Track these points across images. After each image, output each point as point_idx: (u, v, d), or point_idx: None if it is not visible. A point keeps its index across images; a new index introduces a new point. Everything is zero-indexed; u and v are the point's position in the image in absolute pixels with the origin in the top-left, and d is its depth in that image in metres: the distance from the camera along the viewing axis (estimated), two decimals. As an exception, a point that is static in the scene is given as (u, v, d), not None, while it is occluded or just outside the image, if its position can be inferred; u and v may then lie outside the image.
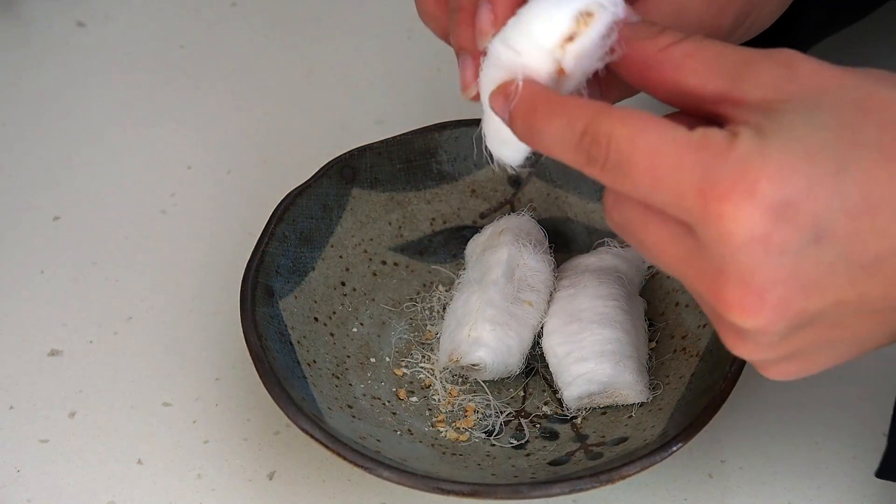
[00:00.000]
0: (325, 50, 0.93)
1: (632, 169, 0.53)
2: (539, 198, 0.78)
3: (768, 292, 0.52)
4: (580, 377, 0.69)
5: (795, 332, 0.54)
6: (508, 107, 0.57)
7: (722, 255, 0.52)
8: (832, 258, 0.52)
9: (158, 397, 0.73)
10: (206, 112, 0.89)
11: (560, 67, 0.57)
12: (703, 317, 0.71)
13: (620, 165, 0.53)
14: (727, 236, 0.52)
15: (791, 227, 0.51)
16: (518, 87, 0.57)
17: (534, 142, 0.57)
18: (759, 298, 0.52)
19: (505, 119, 0.58)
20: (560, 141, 0.55)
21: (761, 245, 0.51)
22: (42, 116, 0.89)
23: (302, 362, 0.70)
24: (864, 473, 0.69)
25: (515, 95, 0.57)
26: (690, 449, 0.69)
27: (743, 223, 0.51)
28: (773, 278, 0.52)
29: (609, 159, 0.54)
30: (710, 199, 0.51)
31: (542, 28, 0.57)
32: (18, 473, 0.70)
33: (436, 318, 0.75)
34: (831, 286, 0.53)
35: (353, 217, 0.76)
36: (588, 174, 0.55)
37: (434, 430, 0.70)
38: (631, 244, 0.57)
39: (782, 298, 0.52)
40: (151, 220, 0.82)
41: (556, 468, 0.67)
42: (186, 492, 0.70)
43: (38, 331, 0.77)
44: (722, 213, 0.51)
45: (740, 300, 0.52)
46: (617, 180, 0.54)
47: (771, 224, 0.51)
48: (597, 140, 0.54)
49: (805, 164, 0.51)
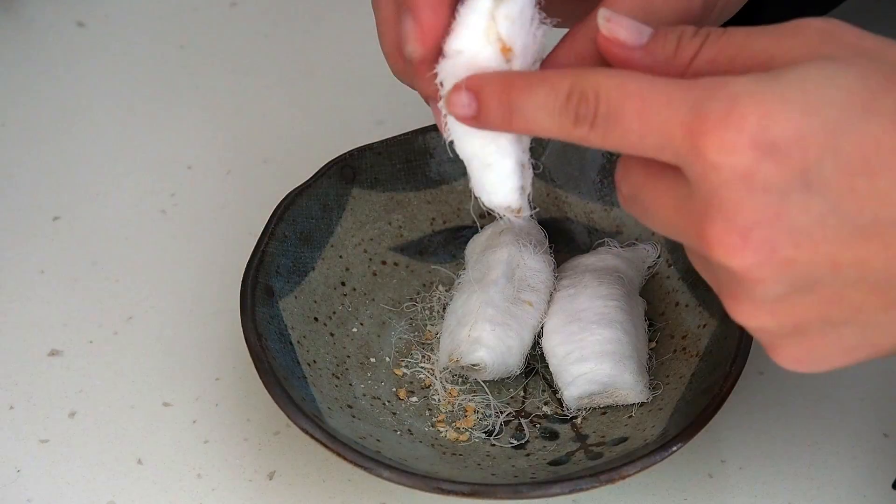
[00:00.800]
0: (325, 50, 0.93)
1: (622, 116, 0.53)
2: (539, 198, 0.78)
3: (752, 231, 0.52)
4: (580, 377, 0.69)
5: (793, 296, 0.53)
6: (472, 101, 0.56)
7: (707, 193, 0.52)
8: (823, 210, 0.51)
9: (158, 397, 0.73)
10: (206, 112, 0.89)
11: (503, 44, 0.58)
12: (703, 317, 0.71)
13: (610, 115, 0.53)
14: (711, 170, 0.51)
15: (776, 168, 0.51)
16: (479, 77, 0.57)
17: (513, 120, 0.56)
18: (741, 237, 0.52)
19: (470, 113, 0.57)
20: (543, 108, 0.55)
21: (745, 181, 0.51)
22: (42, 116, 0.89)
23: (302, 362, 0.70)
24: (864, 473, 0.69)
25: (483, 83, 0.56)
26: (690, 449, 0.69)
27: (727, 156, 0.51)
28: (757, 217, 0.51)
29: (598, 113, 0.53)
30: (696, 134, 0.51)
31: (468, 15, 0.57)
32: (18, 473, 0.70)
33: (436, 318, 0.75)
34: (822, 240, 0.52)
35: (353, 217, 0.76)
36: (574, 138, 0.54)
37: (434, 430, 0.70)
38: (639, 215, 0.56)
39: (767, 240, 0.52)
40: (151, 220, 0.82)
41: (556, 468, 0.67)
42: (186, 492, 0.70)
43: (38, 331, 0.77)
44: (707, 146, 0.51)
45: (723, 238, 0.52)
46: (607, 134, 0.53)
47: (755, 160, 0.51)
48: (584, 96, 0.54)
49: (799, 114, 0.51)
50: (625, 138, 0.53)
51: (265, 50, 0.93)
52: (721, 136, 0.51)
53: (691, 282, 0.73)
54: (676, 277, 0.74)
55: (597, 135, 0.54)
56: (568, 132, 0.55)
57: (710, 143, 0.51)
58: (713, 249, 0.52)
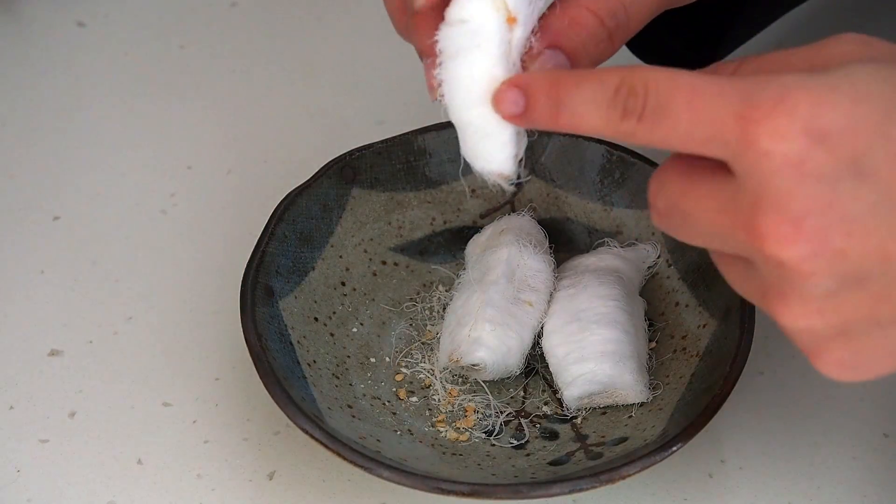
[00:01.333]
0: (325, 50, 0.93)
1: (671, 107, 0.53)
2: (539, 198, 0.78)
3: (804, 220, 0.51)
4: (580, 377, 0.69)
5: (842, 292, 0.52)
6: (520, 98, 0.57)
7: (757, 184, 0.52)
8: (875, 199, 0.51)
9: (158, 397, 0.73)
10: (206, 112, 0.89)
11: (509, 14, 0.58)
12: (703, 317, 0.71)
13: (659, 108, 0.53)
14: (763, 159, 0.51)
15: (828, 155, 0.51)
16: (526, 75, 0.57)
17: (560, 116, 0.56)
18: (794, 226, 0.51)
19: (518, 111, 0.57)
20: (591, 102, 0.55)
21: (797, 170, 0.51)
22: (42, 116, 0.89)
23: (302, 362, 0.70)
24: (864, 473, 0.69)
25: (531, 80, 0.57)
26: (690, 449, 0.69)
27: (779, 143, 0.51)
28: (810, 206, 0.51)
29: (647, 105, 0.53)
30: (748, 122, 0.51)
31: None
32: (18, 473, 0.70)
33: (436, 318, 0.75)
34: (874, 230, 0.51)
35: (353, 217, 0.76)
36: (622, 133, 0.54)
37: (434, 430, 0.70)
38: (677, 228, 0.56)
39: (819, 228, 0.51)
40: (151, 220, 0.82)
41: (556, 468, 0.67)
42: (186, 492, 0.70)
43: (38, 331, 0.77)
44: (759, 134, 0.51)
45: (775, 229, 0.52)
46: (654, 127, 0.53)
47: (807, 148, 0.51)
48: (634, 89, 0.54)
49: (849, 102, 0.51)
50: (673, 130, 0.53)
51: (265, 50, 0.93)
52: (773, 123, 0.51)
53: (691, 282, 0.73)
54: (676, 277, 0.74)
55: (644, 128, 0.54)
56: (615, 126, 0.54)
57: (762, 131, 0.51)
58: (765, 242, 0.52)
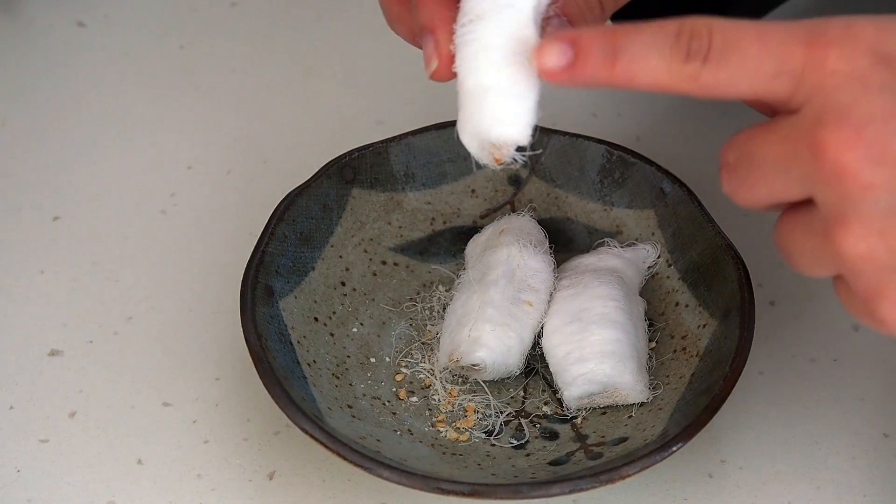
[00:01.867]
0: (325, 50, 0.93)
1: (739, 44, 0.54)
2: (539, 198, 0.78)
3: (866, 127, 0.52)
4: (580, 377, 0.69)
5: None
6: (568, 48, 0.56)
7: (822, 102, 0.53)
8: None
9: (158, 397, 0.73)
10: (206, 112, 0.89)
11: None
12: (703, 317, 0.71)
13: (726, 45, 0.54)
14: (828, 78, 0.53)
15: (892, 72, 0.52)
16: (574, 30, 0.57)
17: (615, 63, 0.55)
18: (856, 131, 0.52)
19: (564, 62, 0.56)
20: (652, 45, 0.55)
21: (860, 82, 0.52)
22: (42, 116, 0.89)
23: (302, 362, 0.70)
24: (864, 473, 0.69)
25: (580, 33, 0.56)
26: (690, 449, 0.69)
27: (845, 63, 0.52)
28: (872, 114, 0.52)
29: (713, 45, 0.54)
30: (816, 47, 0.53)
31: None
32: (18, 473, 0.70)
33: (436, 318, 0.75)
34: None
35: (353, 217, 0.76)
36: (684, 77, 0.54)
37: (434, 430, 0.70)
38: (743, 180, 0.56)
39: (881, 136, 0.52)
40: (151, 220, 0.82)
41: (556, 468, 0.67)
42: (186, 492, 0.70)
43: (38, 331, 0.77)
44: (826, 56, 0.53)
45: (837, 134, 0.52)
46: (720, 66, 0.54)
47: (872, 65, 0.52)
48: (697, 32, 0.54)
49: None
50: (741, 68, 0.54)
51: (265, 50, 0.93)
52: (840, 46, 0.53)
53: (691, 282, 0.73)
54: (676, 277, 0.74)
55: (710, 69, 0.54)
56: (678, 69, 0.54)
57: (829, 54, 0.53)
58: (826, 150, 0.52)
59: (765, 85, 0.54)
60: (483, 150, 0.61)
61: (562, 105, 0.84)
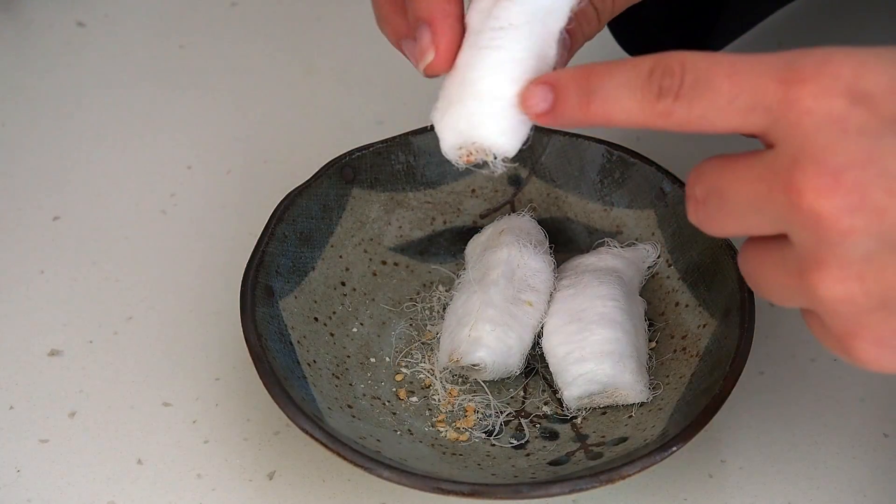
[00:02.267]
0: (325, 50, 0.93)
1: (710, 80, 0.53)
2: (539, 198, 0.78)
3: (844, 173, 0.51)
4: (580, 377, 0.69)
5: (883, 255, 0.51)
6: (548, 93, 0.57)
7: (798, 143, 0.51)
8: None
9: (158, 397, 0.73)
10: (206, 112, 0.89)
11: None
12: (703, 317, 0.71)
13: (698, 82, 0.53)
14: (804, 117, 0.51)
15: (871, 114, 0.51)
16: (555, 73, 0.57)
17: (591, 104, 0.55)
18: (834, 178, 0.51)
19: (546, 107, 0.57)
20: (625, 86, 0.54)
21: (838, 125, 0.51)
22: (42, 116, 0.89)
23: (302, 362, 0.70)
24: (864, 473, 0.69)
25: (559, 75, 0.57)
26: (690, 449, 0.69)
27: (821, 101, 0.51)
28: (850, 159, 0.51)
29: (684, 83, 0.53)
30: (790, 84, 0.52)
31: None
32: (18, 473, 0.70)
33: (436, 318, 0.75)
34: None
35: (353, 217, 0.76)
36: (657, 115, 0.54)
37: (434, 430, 0.70)
38: (713, 215, 0.55)
39: (860, 182, 0.51)
40: (151, 220, 0.82)
41: (556, 468, 0.67)
42: (186, 492, 0.70)
43: (38, 331, 0.77)
44: (801, 94, 0.51)
45: (814, 180, 0.51)
46: (693, 103, 0.53)
47: (849, 106, 0.51)
48: (669, 69, 0.54)
49: (893, 66, 0.51)
50: (713, 103, 0.53)
51: (265, 50, 0.93)
52: (816, 84, 0.51)
53: (691, 282, 0.73)
54: (676, 277, 0.74)
55: (682, 105, 0.53)
56: (651, 107, 0.54)
57: (805, 91, 0.51)
58: (803, 196, 0.51)
59: (739, 120, 0.53)
60: (461, 148, 0.61)
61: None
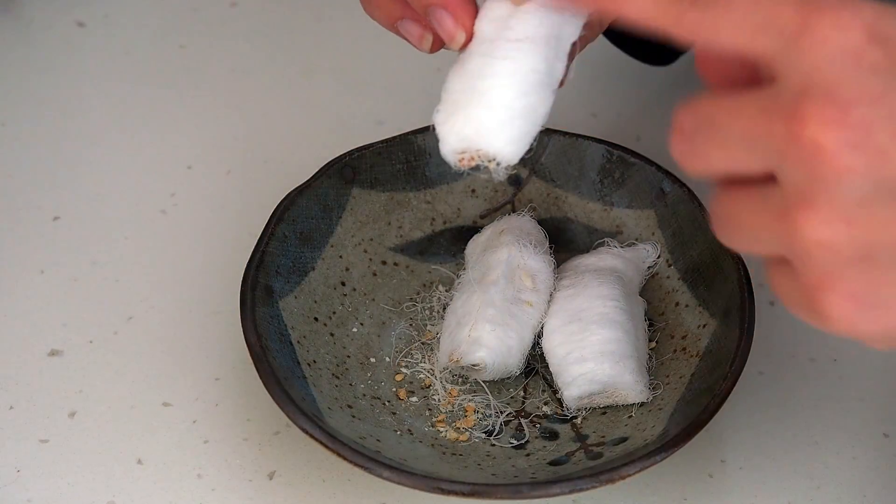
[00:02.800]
0: (325, 50, 0.93)
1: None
2: (539, 198, 0.78)
3: (853, 108, 0.49)
4: (580, 377, 0.69)
5: (876, 202, 0.49)
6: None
7: (808, 72, 0.49)
8: None
9: (158, 397, 0.73)
10: (206, 112, 0.89)
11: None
12: (703, 317, 0.71)
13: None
14: (819, 46, 0.49)
15: (885, 55, 0.49)
16: None
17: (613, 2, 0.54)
18: (841, 111, 0.49)
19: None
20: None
21: (853, 58, 0.49)
22: (42, 116, 0.89)
23: (302, 362, 0.70)
24: (864, 473, 0.69)
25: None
26: (690, 449, 0.69)
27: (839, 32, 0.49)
28: (861, 95, 0.49)
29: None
30: (810, 11, 0.50)
31: None
32: (18, 473, 0.70)
33: (436, 318, 0.75)
34: None
35: (353, 217, 0.76)
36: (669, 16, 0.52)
37: (434, 430, 0.70)
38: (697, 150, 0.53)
39: (866, 119, 0.49)
40: (151, 220, 0.82)
41: (556, 468, 0.67)
42: (186, 492, 0.70)
43: (38, 331, 0.77)
44: (819, 22, 0.49)
45: (821, 111, 0.49)
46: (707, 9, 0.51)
47: (866, 43, 0.49)
48: None
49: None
50: (727, 13, 0.51)
51: (265, 50, 0.93)
52: (835, 14, 0.49)
53: (691, 282, 0.73)
54: (676, 277, 0.74)
55: (696, 10, 0.51)
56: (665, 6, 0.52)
57: (824, 19, 0.49)
58: (806, 125, 0.49)
59: (749, 37, 0.51)
60: (463, 153, 0.60)
61: (562, 105, 0.84)
